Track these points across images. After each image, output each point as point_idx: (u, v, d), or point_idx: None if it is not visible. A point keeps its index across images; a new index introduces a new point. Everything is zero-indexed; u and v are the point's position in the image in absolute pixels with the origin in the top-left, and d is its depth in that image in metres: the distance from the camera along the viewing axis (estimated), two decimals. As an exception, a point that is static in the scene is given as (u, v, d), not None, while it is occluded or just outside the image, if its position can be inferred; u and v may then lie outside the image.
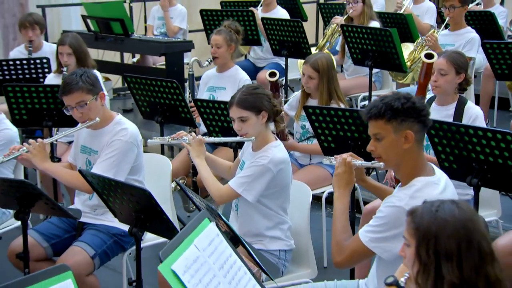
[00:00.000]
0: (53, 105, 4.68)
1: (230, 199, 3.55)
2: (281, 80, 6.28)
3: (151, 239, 3.79)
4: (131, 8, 8.77)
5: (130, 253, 3.75)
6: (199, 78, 5.54)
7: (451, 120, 4.00)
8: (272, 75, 4.28)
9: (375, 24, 6.14)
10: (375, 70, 5.97)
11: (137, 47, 7.31)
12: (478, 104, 5.84)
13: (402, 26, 6.41)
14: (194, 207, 4.93)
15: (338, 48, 6.46)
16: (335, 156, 3.07)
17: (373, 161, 2.87)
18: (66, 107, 3.63)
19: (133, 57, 8.59)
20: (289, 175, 3.49)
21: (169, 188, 4.04)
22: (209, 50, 5.21)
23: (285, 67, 6.46)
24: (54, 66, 5.52)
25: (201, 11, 6.84)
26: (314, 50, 6.15)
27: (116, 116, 3.73)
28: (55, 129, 4.96)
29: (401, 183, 2.77)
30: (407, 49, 6.04)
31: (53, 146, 4.78)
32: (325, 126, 3.93)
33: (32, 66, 5.68)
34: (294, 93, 5.22)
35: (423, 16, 6.90)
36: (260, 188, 3.38)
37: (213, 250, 2.22)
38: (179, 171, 4.89)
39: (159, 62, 7.68)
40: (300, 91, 4.75)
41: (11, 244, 3.64)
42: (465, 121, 4.01)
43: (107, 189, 3.17)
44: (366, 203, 4.41)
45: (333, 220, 2.87)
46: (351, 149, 3.72)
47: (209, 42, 5.31)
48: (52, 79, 5.35)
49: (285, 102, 5.08)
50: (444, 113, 4.09)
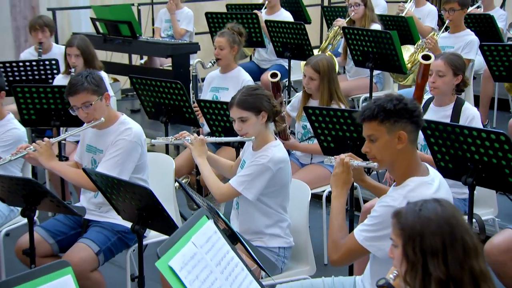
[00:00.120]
0: (60, 105, 4.71)
1: (230, 197, 3.59)
2: (284, 81, 6.38)
3: (155, 236, 3.81)
4: (139, 11, 8.79)
5: (134, 250, 3.75)
6: (204, 80, 5.59)
7: (448, 120, 4.03)
8: (274, 76, 4.33)
9: (377, 26, 6.17)
10: (376, 72, 6.00)
11: (144, 49, 7.36)
12: (478, 105, 5.90)
13: (403, 29, 6.42)
14: (197, 205, 4.99)
15: (340, 50, 6.49)
16: (335, 156, 3.09)
17: (367, 161, 2.91)
18: (72, 107, 3.67)
19: (141, 58, 8.61)
20: (288, 174, 3.52)
21: (172, 187, 4.06)
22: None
23: (288, 68, 6.50)
24: (62, 67, 5.54)
25: (207, 13, 6.91)
26: (316, 52, 6.18)
27: (120, 116, 3.77)
28: (63, 128, 4.98)
29: (395, 183, 2.79)
30: (408, 51, 6.06)
31: (61, 146, 4.81)
32: (324, 126, 3.96)
33: (41, 68, 5.71)
34: (296, 94, 5.27)
35: (424, 19, 6.90)
36: (260, 186, 3.41)
37: (211, 247, 2.23)
38: (182, 168, 4.92)
39: (166, 63, 7.70)
40: (302, 92, 4.80)
41: (18, 240, 3.68)
42: (462, 121, 4.04)
43: (110, 187, 3.20)
44: (366, 202, 4.47)
45: (330, 219, 2.90)
46: (350, 149, 3.75)
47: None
48: (60, 80, 5.37)
49: (288, 103, 5.12)
50: (441, 114, 4.13)
